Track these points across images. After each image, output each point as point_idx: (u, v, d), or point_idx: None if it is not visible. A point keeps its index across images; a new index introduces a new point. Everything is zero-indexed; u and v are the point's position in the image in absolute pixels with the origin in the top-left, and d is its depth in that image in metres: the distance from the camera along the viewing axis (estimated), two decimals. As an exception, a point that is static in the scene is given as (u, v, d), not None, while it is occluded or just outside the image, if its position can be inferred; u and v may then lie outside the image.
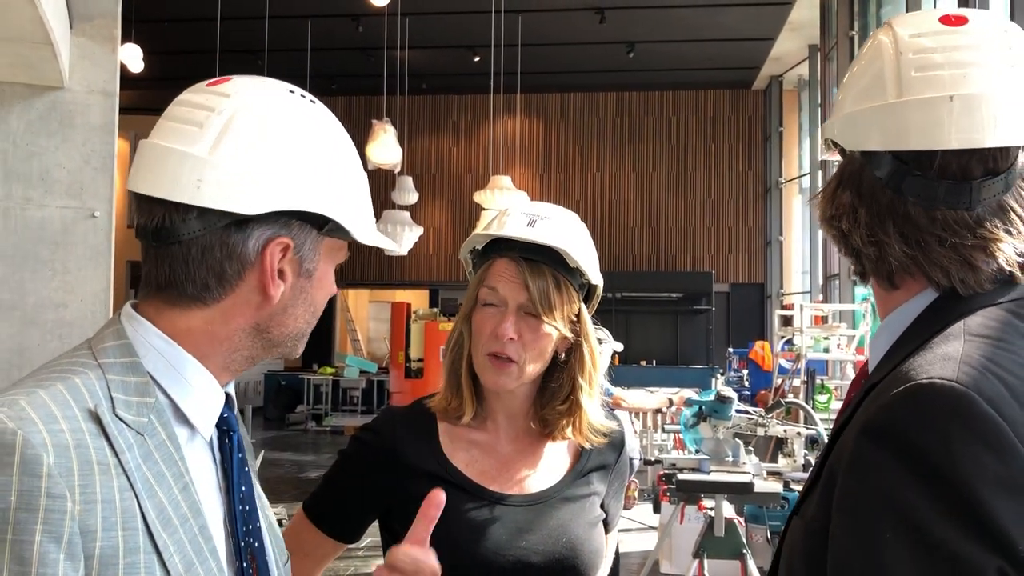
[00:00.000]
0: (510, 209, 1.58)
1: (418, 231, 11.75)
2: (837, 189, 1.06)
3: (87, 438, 0.87)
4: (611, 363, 5.50)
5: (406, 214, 11.79)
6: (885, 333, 1.04)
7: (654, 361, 15.36)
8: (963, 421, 0.84)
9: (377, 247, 1.12)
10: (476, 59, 13.42)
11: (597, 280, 1.59)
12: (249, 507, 1.04)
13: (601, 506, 1.63)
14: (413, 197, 12.12)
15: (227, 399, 1.04)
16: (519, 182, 14.12)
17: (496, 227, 1.55)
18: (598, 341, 1.63)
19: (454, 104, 17.01)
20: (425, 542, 1.14)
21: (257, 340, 1.03)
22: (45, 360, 0.99)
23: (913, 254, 0.99)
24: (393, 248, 1.11)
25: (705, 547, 4.23)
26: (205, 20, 11.62)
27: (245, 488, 1.04)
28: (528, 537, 1.51)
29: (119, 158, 3.95)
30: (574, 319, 1.57)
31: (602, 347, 1.67)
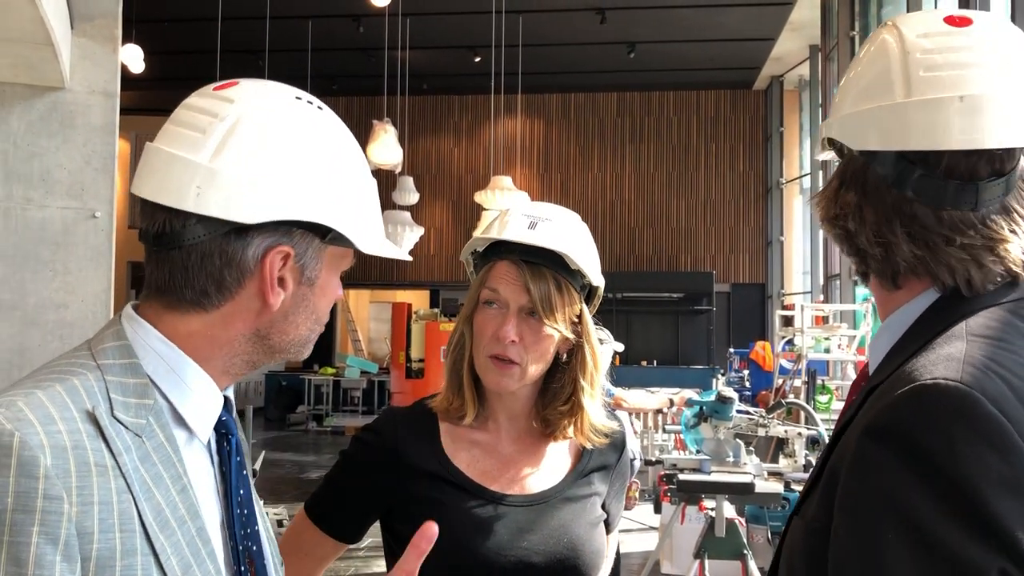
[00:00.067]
0: (511, 210, 1.58)
1: (419, 231, 11.75)
2: (840, 189, 1.05)
3: (85, 439, 0.86)
4: (612, 363, 5.50)
5: (407, 214, 11.80)
6: (886, 334, 1.03)
7: (655, 361, 15.35)
8: (967, 421, 0.83)
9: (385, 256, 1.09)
10: (477, 59, 13.42)
11: (598, 281, 1.59)
12: (247, 511, 1.03)
13: (602, 506, 1.63)
14: (414, 197, 12.13)
15: (226, 402, 1.03)
16: (520, 182, 14.11)
17: (497, 230, 1.55)
18: (599, 341, 1.63)
19: (455, 104, 17.02)
20: (413, 574, 1.12)
21: (258, 346, 1.02)
22: (46, 360, 0.98)
23: (921, 254, 0.99)
24: (398, 255, 1.09)
25: (706, 547, 4.23)
26: (206, 20, 11.62)
27: (243, 492, 1.03)
28: (529, 537, 1.51)
29: (120, 159, 3.95)
30: (575, 320, 1.56)
31: (603, 347, 1.66)
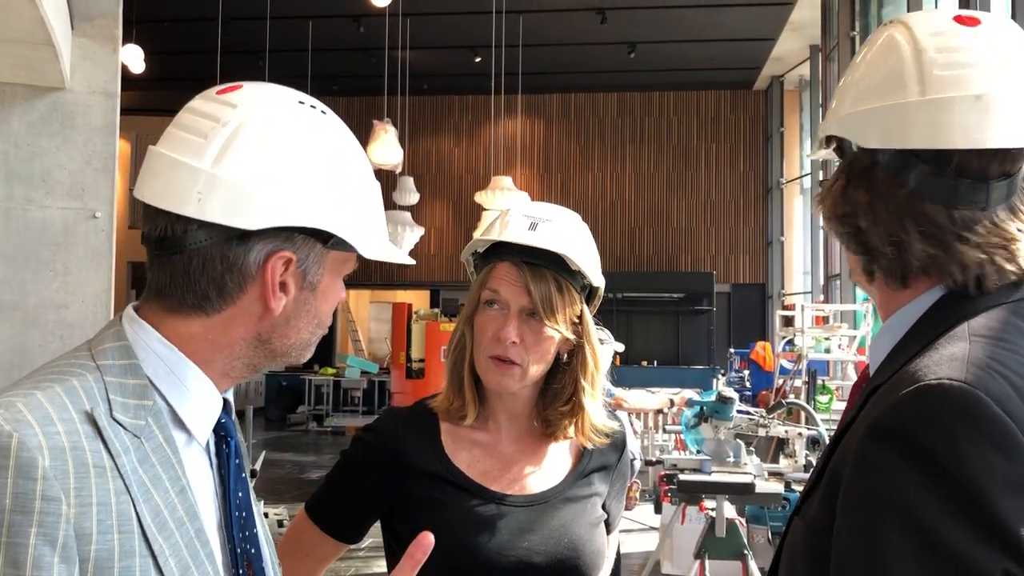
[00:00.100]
0: (512, 211, 1.58)
1: (419, 232, 11.75)
2: (847, 187, 1.04)
3: (83, 441, 0.86)
4: (612, 364, 5.50)
5: (407, 215, 11.81)
6: (887, 335, 1.03)
7: (655, 362, 15.35)
8: (971, 421, 0.83)
9: (388, 261, 1.09)
10: (477, 59, 13.41)
11: (599, 281, 1.59)
12: (246, 513, 1.03)
13: (603, 507, 1.63)
14: (414, 198, 12.13)
15: (225, 404, 1.03)
16: (520, 182, 14.11)
17: (498, 231, 1.55)
18: (599, 342, 1.63)
19: (455, 104, 17.02)
20: None
21: (259, 350, 1.02)
22: (46, 361, 0.98)
23: (934, 252, 0.98)
24: (401, 260, 1.09)
25: (706, 548, 4.22)
26: (206, 20, 11.62)
27: (242, 494, 1.03)
28: (530, 537, 1.51)
29: (120, 159, 3.95)
30: (576, 321, 1.56)
31: (603, 348, 1.66)
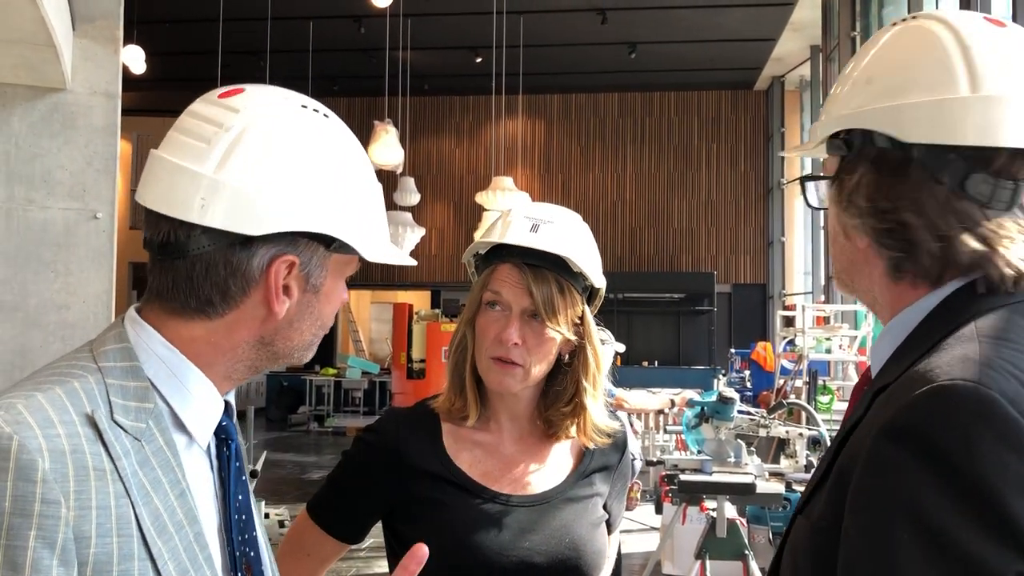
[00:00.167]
0: (513, 212, 1.58)
1: (420, 232, 11.75)
2: (880, 181, 1.00)
3: (84, 443, 0.86)
4: (613, 364, 5.50)
5: (408, 215, 11.81)
6: (890, 335, 1.02)
7: (656, 362, 15.35)
8: (986, 422, 0.83)
9: (391, 263, 1.10)
10: (478, 60, 13.42)
11: (600, 282, 1.59)
12: (245, 516, 1.03)
13: (604, 507, 1.64)
14: (415, 198, 12.13)
15: (226, 407, 1.03)
16: (521, 183, 14.11)
17: (499, 233, 1.55)
18: (600, 342, 1.63)
19: (456, 105, 17.02)
20: None
21: (262, 352, 1.02)
22: (47, 362, 0.98)
23: (983, 251, 0.96)
24: (404, 262, 1.09)
25: (707, 548, 4.22)
26: (207, 21, 11.61)
27: (242, 497, 1.03)
28: (531, 537, 1.51)
29: (121, 160, 3.95)
30: (577, 322, 1.57)
31: (604, 348, 1.66)
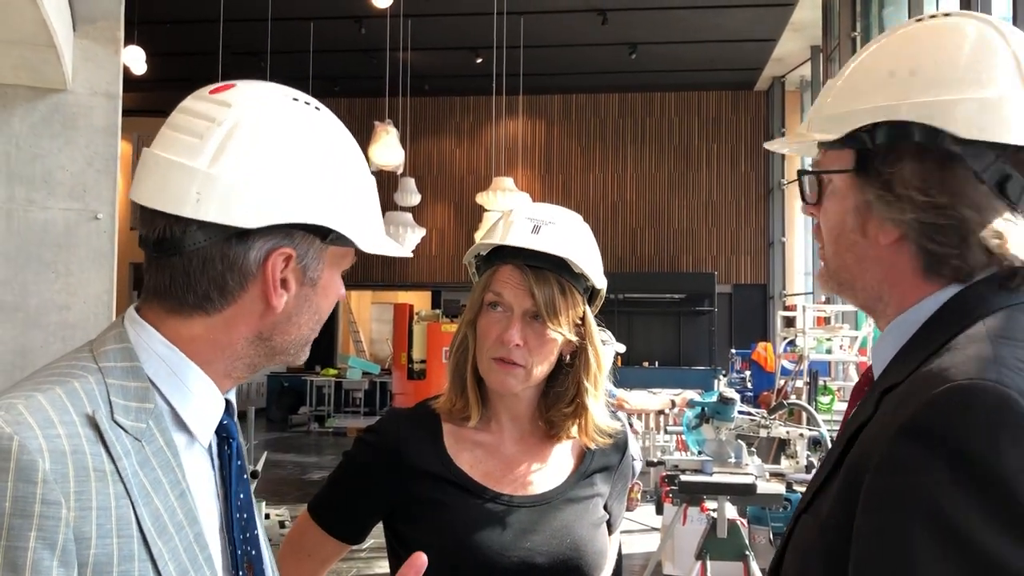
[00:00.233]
0: (514, 213, 1.58)
1: (420, 232, 11.76)
2: (926, 175, 0.97)
3: (84, 444, 0.86)
4: (614, 365, 5.50)
5: (408, 215, 11.81)
6: (893, 334, 1.02)
7: (656, 362, 15.34)
8: (1007, 421, 0.83)
9: (386, 255, 1.10)
10: (478, 60, 13.41)
11: (601, 283, 1.59)
12: (247, 515, 1.03)
13: (604, 507, 1.64)
14: (415, 198, 12.13)
15: (227, 405, 1.03)
16: (521, 183, 14.10)
17: (501, 235, 1.55)
18: (601, 343, 1.63)
19: (456, 105, 17.02)
20: None
21: (260, 348, 1.02)
22: (48, 362, 0.98)
23: (1012, 251, 0.97)
24: (400, 253, 1.10)
25: (708, 548, 4.22)
26: (208, 22, 11.62)
27: (243, 496, 1.03)
28: (532, 538, 1.51)
29: (122, 160, 3.95)
30: (579, 322, 1.57)
31: (604, 348, 1.67)
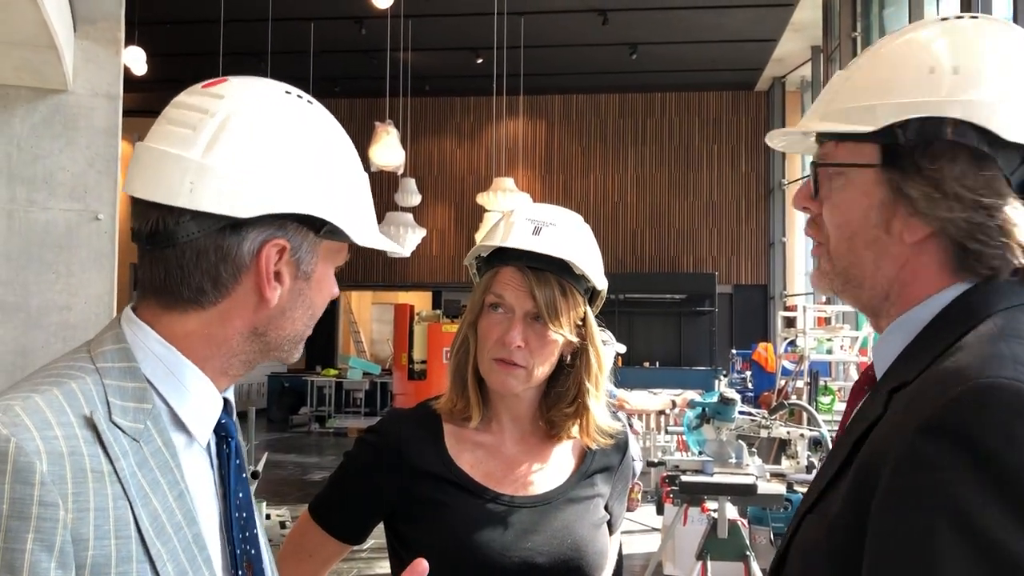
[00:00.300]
0: (515, 214, 1.58)
1: (421, 233, 11.75)
2: (971, 175, 0.96)
3: (82, 445, 0.86)
4: (614, 365, 5.50)
5: (409, 216, 11.80)
6: (898, 333, 1.01)
7: (657, 363, 15.34)
8: None
9: (380, 249, 1.10)
10: (479, 61, 13.41)
11: (601, 284, 1.59)
12: (246, 514, 1.03)
13: (605, 507, 1.64)
14: (416, 199, 12.13)
15: (226, 404, 1.03)
16: (522, 184, 14.10)
17: (502, 236, 1.55)
18: (601, 343, 1.64)
19: (457, 106, 17.02)
20: None
21: (255, 344, 1.01)
22: (46, 363, 0.98)
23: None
24: (395, 250, 1.10)
25: (708, 549, 4.22)
26: (208, 23, 11.62)
27: (242, 495, 1.03)
28: (533, 538, 1.52)
29: (123, 161, 3.95)
30: (580, 323, 1.57)
31: (605, 349, 1.67)
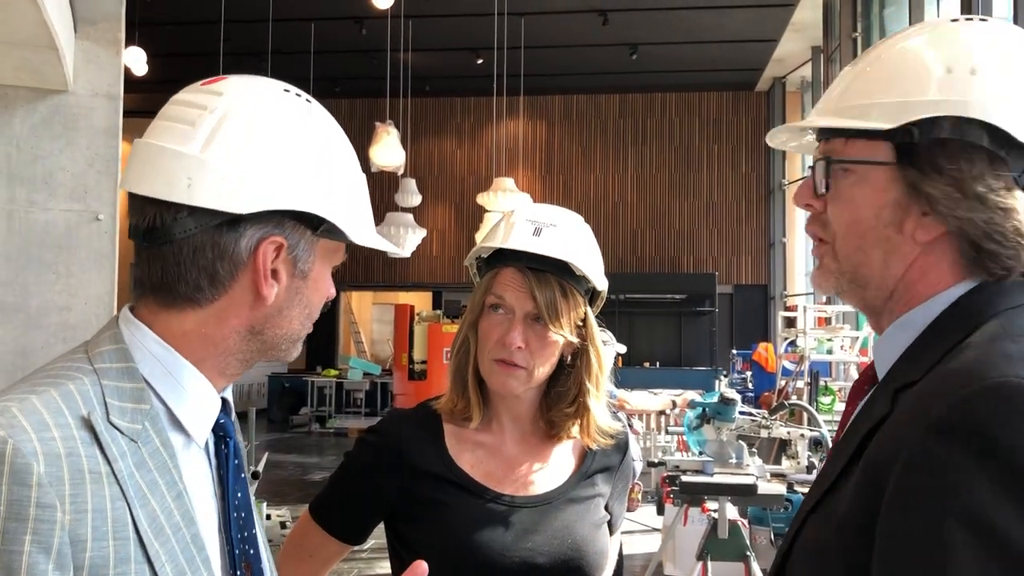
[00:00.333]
0: (515, 215, 1.58)
1: (421, 233, 11.75)
2: (988, 175, 0.95)
3: (79, 446, 0.86)
4: (614, 365, 5.50)
5: (409, 216, 11.80)
6: (902, 332, 1.01)
7: (657, 363, 15.35)
8: None
9: (378, 249, 1.10)
10: (479, 61, 13.42)
11: (602, 284, 1.59)
12: (245, 514, 1.03)
13: (605, 508, 1.64)
14: (416, 199, 12.14)
15: (224, 404, 1.03)
16: (522, 184, 14.11)
17: (502, 237, 1.55)
18: (602, 343, 1.64)
19: (457, 106, 17.03)
20: None
21: (252, 343, 1.01)
22: (44, 364, 0.98)
23: None
24: (392, 250, 1.10)
25: (709, 549, 4.22)
26: (208, 23, 11.63)
27: (241, 495, 1.03)
28: (534, 538, 1.52)
29: (123, 161, 3.95)
30: (580, 324, 1.57)
31: (605, 349, 1.67)
